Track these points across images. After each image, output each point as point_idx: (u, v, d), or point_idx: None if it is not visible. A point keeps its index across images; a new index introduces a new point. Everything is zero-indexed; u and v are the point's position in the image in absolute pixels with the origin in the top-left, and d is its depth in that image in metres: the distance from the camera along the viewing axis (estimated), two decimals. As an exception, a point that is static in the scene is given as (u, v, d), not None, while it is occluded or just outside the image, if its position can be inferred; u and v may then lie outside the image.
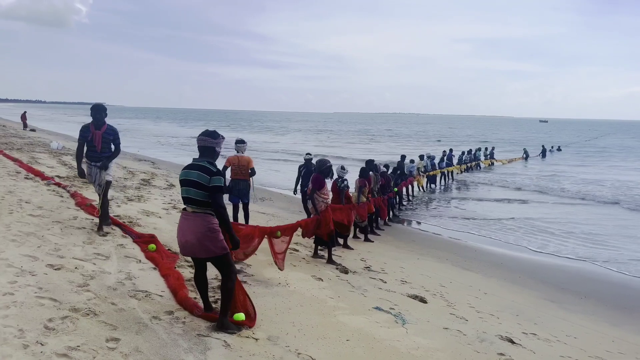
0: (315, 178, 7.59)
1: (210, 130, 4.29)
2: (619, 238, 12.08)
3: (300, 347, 4.08)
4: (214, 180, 4.01)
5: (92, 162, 6.72)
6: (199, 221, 4.04)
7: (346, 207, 8.63)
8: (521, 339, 5.35)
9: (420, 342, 4.72)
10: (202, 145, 4.19)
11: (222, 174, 4.11)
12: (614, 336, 6.06)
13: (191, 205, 4.09)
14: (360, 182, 9.94)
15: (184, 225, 4.12)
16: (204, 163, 4.10)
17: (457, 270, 8.75)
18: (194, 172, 4.06)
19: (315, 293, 5.78)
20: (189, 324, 4.12)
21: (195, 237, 4.03)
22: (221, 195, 4.05)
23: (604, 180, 23.46)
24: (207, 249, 4.06)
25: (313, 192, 7.55)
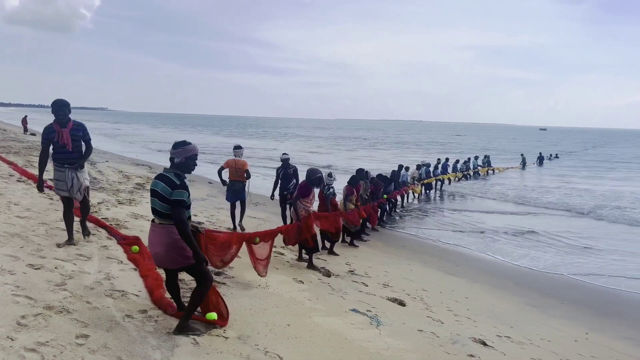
0: (302, 186, 7.62)
1: (178, 140, 4.14)
2: (608, 248, 12.13)
3: (269, 346, 4.16)
4: (175, 194, 3.90)
5: (63, 164, 5.98)
6: (165, 233, 3.99)
7: (332, 215, 8.68)
8: (494, 342, 5.43)
9: (392, 343, 4.81)
10: (171, 157, 4.13)
11: (185, 187, 3.97)
12: (589, 340, 6.13)
13: (157, 216, 4.03)
14: (348, 190, 10.01)
15: (152, 237, 4.10)
16: (170, 175, 3.99)
17: (442, 275, 8.82)
18: (160, 183, 3.97)
19: (294, 295, 5.87)
20: (161, 322, 4.22)
21: (162, 248, 4.01)
22: (182, 210, 3.91)
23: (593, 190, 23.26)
24: (174, 260, 4.03)
25: (297, 198, 7.58)
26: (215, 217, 10.93)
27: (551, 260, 10.59)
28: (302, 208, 7.55)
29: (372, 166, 24.90)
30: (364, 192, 11.43)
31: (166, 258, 4.04)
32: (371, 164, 28.24)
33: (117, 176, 16.03)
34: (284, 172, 9.92)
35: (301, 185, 7.68)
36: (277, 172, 10.10)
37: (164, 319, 4.29)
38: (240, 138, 62.71)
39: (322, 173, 7.84)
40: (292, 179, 9.86)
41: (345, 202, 9.92)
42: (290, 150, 43.24)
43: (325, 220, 8.45)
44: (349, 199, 9.95)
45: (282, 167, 9.99)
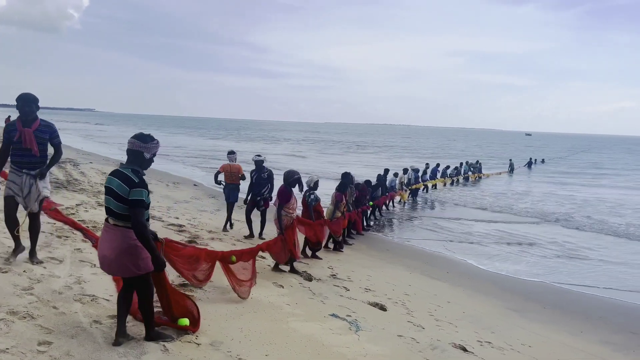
0: (281, 191, 7.21)
1: (143, 133, 3.83)
2: (593, 255, 12.17)
3: (243, 352, 4.04)
4: (133, 193, 3.54)
5: (21, 169, 5.17)
6: (119, 236, 3.62)
7: (317, 223, 8.41)
8: (474, 347, 5.36)
9: (370, 348, 4.71)
10: (130, 149, 3.72)
11: (144, 184, 3.62)
12: (569, 345, 6.09)
13: (112, 217, 3.66)
14: (337, 197, 9.77)
15: (104, 239, 3.72)
16: (128, 171, 3.62)
17: (425, 279, 8.76)
18: (115, 181, 3.61)
19: (273, 300, 5.75)
20: (130, 328, 4.06)
21: (114, 253, 3.62)
22: (141, 211, 3.56)
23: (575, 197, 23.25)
24: (125, 267, 3.66)
25: (280, 207, 7.11)
26: (197, 219, 10.78)
27: (535, 266, 10.60)
28: (284, 215, 7.12)
29: (361, 171, 24.83)
30: (349, 198, 11.24)
31: (116, 264, 3.66)
32: (360, 169, 28.17)
33: (100, 178, 15.79)
34: (258, 176, 9.33)
35: (280, 191, 7.24)
36: (251, 176, 9.46)
37: (134, 325, 4.15)
38: (230, 141, 62.41)
39: (300, 174, 7.51)
40: (266, 183, 9.30)
41: (334, 209, 9.63)
42: (277, 153, 43.18)
43: (310, 227, 8.19)
44: (338, 206, 9.67)
45: (256, 171, 9.37)
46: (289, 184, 7.27)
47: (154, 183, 16.96)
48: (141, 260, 3.67)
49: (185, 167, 27.13)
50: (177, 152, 37.64)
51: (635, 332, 7.02)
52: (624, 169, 43.80)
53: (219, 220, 11.34)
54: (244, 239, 9.30)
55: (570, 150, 78.60)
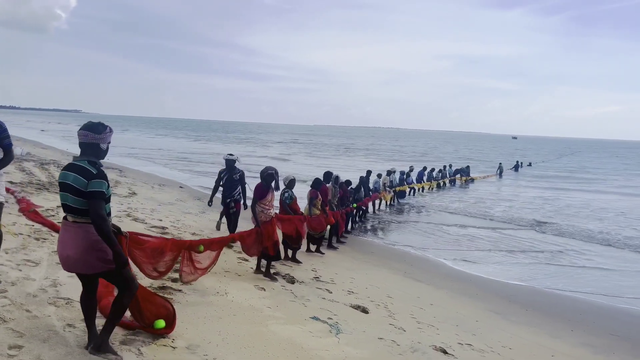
0: (257, 187, 7.15)
1: (93, 122, 3.59)
2: (577, 259, 12.30)
3: (219, 355, 4.00)
4: (92, 184, 3.34)
5: None
6: (81, 232, 3.42)
7: (295, 218, 8.32)
8: (455, 350, 5.36)
9: (350, 351, 4.69)
10: (83, 142, 3.49)
11: (104, 176, 3.42)
12: (550, 347, 6.13)
13: (70, 213, 3.45)
14: (312, 193, 9.68)
15: (64, 238, 3.49)
16: (83, 163, 3.42)
17: (409, 281, 8.78)
18: (70, 175, 3.40)
19: (254, 302, 5.70)
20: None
21: (77, 250, 3.42)
22: (101, 203, 3.37)
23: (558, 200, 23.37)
24: (91, 264, 3.45)
25: (254, 202, 7.05)
26: (181, 221, 10.67)
27: (519, 269, 10.68)
28: (261, 212, 7.02)
29: (348, 175, 24.79)
30: (332, 198, 11.21)
31: (82, 262, 3.43)
32: (347, 172, 28.16)
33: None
34: (229, 177, 8.72)
35: (256, 187, 7.14)
36: (220, 176, 8.83)
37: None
38: (217, 144, 62.12)
39: (275, 170, 7.33)
40: (237, 185, 8.72)
41: (310, 206, 9.59)
42: (265, 156, 43.05)
43: (289, 222, 8.07)
44: (313, 203, 9.61)
45: (227, 171, 8.74)
46: (264, 179, 7.15)
47: (140, 185, 16.82)
48: (108, 253, 3.44)
49: (171, 169, 26.90)
50: (162, 154, 37.37)
51: (615, 335, 7.09)
52: (609, 173, 44.15)
53: (203, 222, 11.26)
54: None
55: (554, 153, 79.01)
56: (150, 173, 23.32)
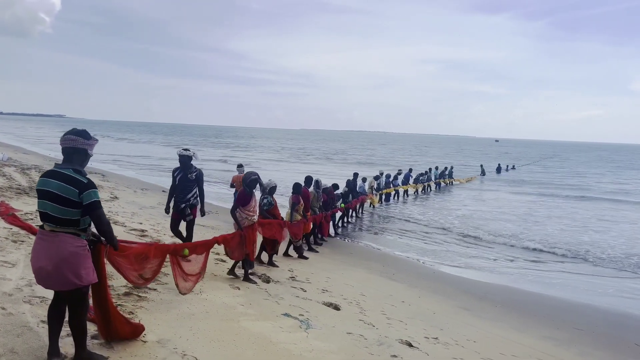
0: (240, 193, 7.03)
1: (79, 129, 3.54)
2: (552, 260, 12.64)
3: (188, 349, 4.17)
4: (89, 195, 3.32)
5: None
6: (59, 243, 3.31)
7: (275, 222, 8.23)
8: (420, 343, 5.59)
9: (317, 345, 4.89)
10: (71, 147, 3.41)
11: (94, 184, 3.42)
12: (513, 340, 6.39)
13: (49, 223, 3.34)
14: (293, 199, 9.60)
15: (40, 248, 3.38)
16: (69, 171, 3.34)
17: (384, 280, 9.01)
18: (53, 182, 3.32)
19: (227, 301, 5.87)
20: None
21: (52, 262, 3.30)
22: (102, 212, 3.42)
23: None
24: (65, 279, 3.33)
25: (235, 207, 6.92)
26: (162, 225, 10.77)
27: (493, 269, 10.98)
28: (245, 218, 6.89)
29: (335, 179, 24.92)
30: (314, 202, 11.28)
31: (55, 276, 3.32)
32: (332, 178, 28.37)
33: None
34: (182, 177, 7.25)
35: (240, 193, 7.02)
36: (173, 176, 7.38)
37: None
38: (201, 146, 61.94)
39: (258, 175, 7.24)
40: (193, 186, 7.32)
41: (291, 212, 9.52)
42: (254, 159, 43.05)
43: (269, 227, 7.97)
44: (295, 208, 9.57)
45: (180, 169, 7.29)
46: (247, 185, 7.02)
47: (122, 189, 16.86)
48: (83, 269, 3.38)
49: (154, 175, 26.84)
50: (144, 161, 37.18)
51: (579, 329, 7.38)
52: (596, 174, 44.25)
53: (183, 225, 11.37)
54: None
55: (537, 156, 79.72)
56: (133, 177, 23.34)
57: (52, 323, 3.52)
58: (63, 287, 3.40)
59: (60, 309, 3.56)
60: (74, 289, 3.40)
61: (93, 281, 3.50)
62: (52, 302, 3.59)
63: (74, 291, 3.42)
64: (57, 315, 3.55)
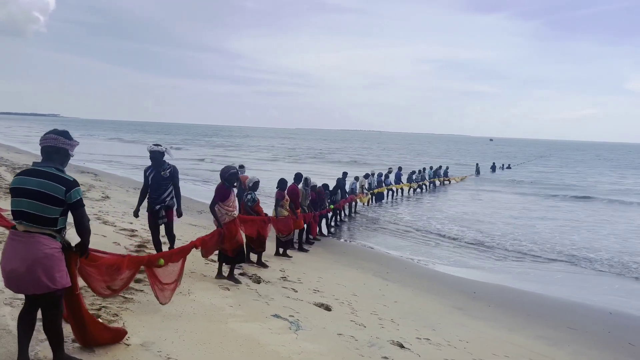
0: (218, 188, 6.74)
1: (60, 129, 3.50)
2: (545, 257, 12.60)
3: (173, 352, 4.07)
4: (74, 193, 3.28)
5: None
6: (34, 244, 3.20)
7: (258, 219, 8.10)
8: (412, 344, 5.51)
9: (307, 346, 4.80)
10: (52, 146, 3.36)
11: (78, 183, 3.38)
12: (506, 340, 6.33)
13: (26, 222, 3.23)
14: (278, 195, 9.52)
15: (10, 249, 3.25)
16: (52, 170, 3.29)
17: (377, 280, 8.92)
18: (33, 180, 3.24)
19: (216, 302, 5.77)
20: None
21: (25, 264, 3.18)
22: (85, 211, 3.37)
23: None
24: (38, 281, 3.20)
25: (213, 203, 6.67)
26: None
27: (488, 268, 10.94)
28: (225, 214, 6.66)
29: (326, 179, 24.88)
30: (303, 200, 11.14)
31: (28, 278, 3.19)
32: (324, 178, 28.28)
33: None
34: (155, 175, 6.68)
35: (217, 188, 6.74)
36: (145, 175, 6.78)
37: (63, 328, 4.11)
38: (192, 145, 61.77)
39: (237, 169, 6.96)
40: (168, 184, 6.74)
41: (276, 208, 9.48)
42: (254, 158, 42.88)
43: (251, 224, 7.83)
44: (280, 204, 9.47)
45: (152, 167, 6.73)
46: (226, 180, 6.71)
47: (114, 189, 16.71)
48: (57, 272, 3.27)
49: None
50: (138, 162, 37.01)
51: (573, 328, 7.32)
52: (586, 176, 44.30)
53: (175, 225, 11.25)
54: None
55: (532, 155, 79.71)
56: (125, 177, 23.15)
57: (22, 329, 3.38)
58: (36, 291, 3.26)
59: (31, 314, 3.43)
60: (47, 293, 3.28)
61: (67, 285, 3.38)
62: (23, 307, 3.46)
63: (48, 295, 3.30)
64: (28, 321, 3.41)
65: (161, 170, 6.67)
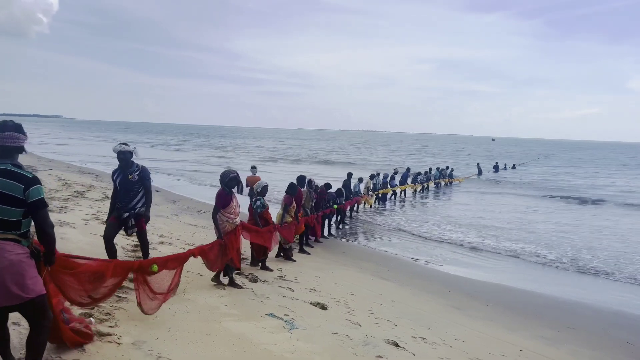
0: (218, 194, 6.46)
1: (14, 123, 3.16)
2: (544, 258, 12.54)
3: (164, 351, 4.05)
4: (35, 191, 2.97)
5: None
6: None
7: (265, 230, 7.78)
8: (407, 343, 5.48)
9: (300, 345, 4.77)
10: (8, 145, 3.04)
11: (40, 181, 3.08)
12: (503, 339, 6.29)
13: None
14: (286, 200, 9.18)
15: None
16: (8, 166, 3.00)
17: (375, 280, 8.89)
18: None
19: (211, 301, 5.75)
20: (51, 329, 4.02)
21: None
22: (47, 212, 3.05)
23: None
24: (8, 292, 2.90)
25: (215, 211, 6.39)
26: (151, 224, 10.42)
27: (487, 268, 10.90)
28: (226, 222, 6.39)
29: (330, 180, 24.85)
30: (307, 203, 10.98)
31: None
32: (327, 180, 28.24)
33: (56, 184, 15.48)
34: (122, 179, 5.91)
35: (217, 194, 6.47)
36: (113, 179, 6.03)
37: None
38: (193, 145, 61.83)
39: (237, 173, 6.67)
40: (137, 189, 5.96)
41: (283, 213, 9.11)
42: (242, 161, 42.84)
43: (257, 234, 7.51)
44: (287, 210, 9.14)
45: (119, 170, 5.96)
46: (226, 185, 6.48)
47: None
48: (29, 279, 2.97)
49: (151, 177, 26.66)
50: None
51: (572, 327, 7.29)
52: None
53: (174, 224, 11.27)
54: None
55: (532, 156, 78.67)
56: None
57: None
58: (6, 302, 2.94)
59: (3, 330, 3.21)
60: (20, 304, 2.98)
61: (41, 292, 3.06)
62: None
63: (27, 305, 3.01)
64: (0, 337, 3.19)
65: (129, 173, 5.90)
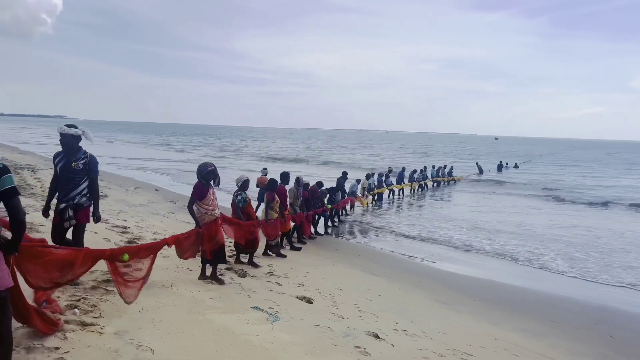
0: (196, 187, 6.42)
1: None
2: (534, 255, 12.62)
3: (145, 340, 4.19)
4: (6, 180, 2.91)
5: None
6: None
7: (247, 224, 7.81)
8: (388, 335, 5.61)
9: (280, 336, 4.91)
10: None
11: (9, 170, 2.98)
12: (485, 332, 6.41)
13: None
14: (268, 196, 9.18)
15: None
16: None
17: (365, 275, 9.02)
18: None
19: (197, 294, 5.89)
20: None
21: None
22: (19, 200, 2.96)
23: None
24: None
25: (192, 202, 6.38)
26: (146, 222, 10.83)
27: (477, 264, 11.00)
28: (204, 214, 6.38)
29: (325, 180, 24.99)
30: (295, 201, 11.03)
31: None
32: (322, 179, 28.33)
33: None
34: (65, 165, 5.28)
35: (195, 186, 6.42)
36: (55, 163, 5.40)
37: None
38: (190, 144, 62.01)
39: (214, 166, 6.54)
40: (81, 179, 5.33)
41: (267, 209, 9.14)
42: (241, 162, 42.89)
43: (238, 228, 7.56)
44: (270, 205, 9.16)
45: (63, 155, 5.33)
46: (204, 177, 6.41)
47: (113, 188, 16.90)
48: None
49: (148, 173, 26.89)
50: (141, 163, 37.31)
51: (556, 321, 7.39)
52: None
53: (169, 222, 11.44)
54: None
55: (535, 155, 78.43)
56: (127, 177, 23.37)
57: None
58: None
59: None
60: None
61: (9, 285, 3.00)
62: None
63: None
64: None
65: (73, 161, 5.27)
